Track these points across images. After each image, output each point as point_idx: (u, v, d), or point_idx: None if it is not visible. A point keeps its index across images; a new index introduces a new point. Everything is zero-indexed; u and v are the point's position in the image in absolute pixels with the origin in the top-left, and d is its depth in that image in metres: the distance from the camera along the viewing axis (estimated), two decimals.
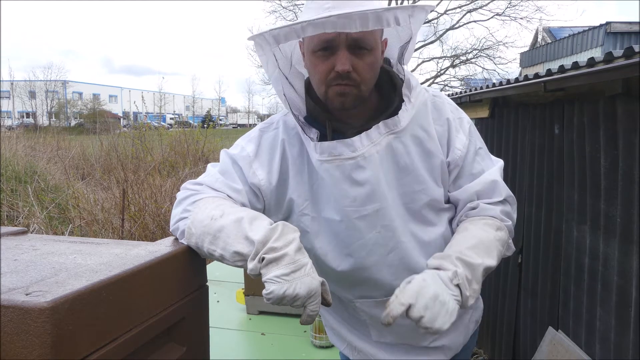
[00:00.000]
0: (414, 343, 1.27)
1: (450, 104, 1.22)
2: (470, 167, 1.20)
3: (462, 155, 1.18)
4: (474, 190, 1.19)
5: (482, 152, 1.22)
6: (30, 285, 0.73)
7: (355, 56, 1.05)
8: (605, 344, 2.04)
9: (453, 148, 1.18)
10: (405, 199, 1.15)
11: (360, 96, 1.09)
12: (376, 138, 1.10)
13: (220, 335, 2.18)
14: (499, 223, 1.15)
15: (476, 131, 1.24)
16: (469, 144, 1.20)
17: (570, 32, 12.42)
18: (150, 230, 5.01)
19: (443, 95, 1.25)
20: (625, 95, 1.90)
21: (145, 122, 12.48)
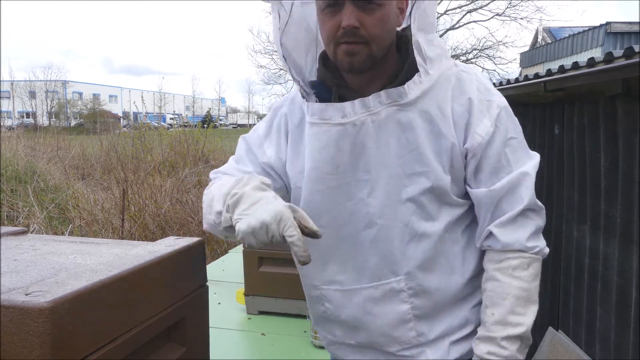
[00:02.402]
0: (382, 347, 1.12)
1: (479, 83, 1.05)
2: (494, 160, 1.02)
3: (482, 143, 1.01)
4: (498, 196, 1.02)
5: (514, 144, 1.03)
6: (30, 285, 0.73)
7: (363, 11, 0.97)
8: (605, 344, 2.04)
9: (473, 133, 1.01)
10: (403, 180, 1.03)
11: (371, 55, 1.00)
12: (375, 107, 1.01)
13: (220, 335, 2.18)
14: (528, 259, 1.01)
15: (511, 118, 1.04)
16: (494, 131, 1.01)
17: (570, 32, 12.41)
18: (150, 230, 5.01)
19: (474, 72, 1.07)
20: (625, 95, 1.90)
21: (145, 122, 12.49)
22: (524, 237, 1.01)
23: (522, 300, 1.01)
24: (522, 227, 1.02)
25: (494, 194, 1.02)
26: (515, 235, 1.01)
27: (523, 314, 1.00)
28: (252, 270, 2.37)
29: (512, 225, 1.02)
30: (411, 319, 1.08)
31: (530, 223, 1.02)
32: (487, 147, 1.02)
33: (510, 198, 1.02)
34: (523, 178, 1.01)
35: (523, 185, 1.01)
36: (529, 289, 1.01)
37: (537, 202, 1.03)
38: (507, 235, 1.02)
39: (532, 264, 1.02)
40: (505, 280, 1.01)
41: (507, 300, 1.00)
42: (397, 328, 1.08)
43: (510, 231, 1.02)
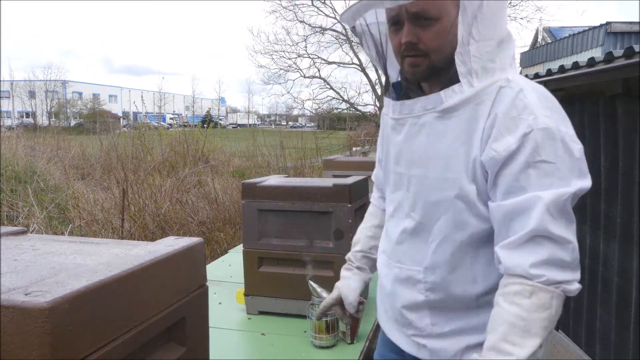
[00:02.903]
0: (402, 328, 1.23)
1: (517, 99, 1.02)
2: (511, 178, 1.00)
3: (496, 158, 1.01)
4: (502, 211, 1.01)
5: (546, 168, 0.97)
6: (29, 285, 0.73)
7: (421, 27, 1.08)
8: (605, 344, 2.04)
9: (488, 147, 1.02)
10: (433, 183, 1.11)
11: (431, 65, 1.10)
12: (417, 110, 1.12)
13: (220, 335, 2.18)
14: (530, 287, 0.95)
15: (550, 142, 0.98)
16: (517, 149, 0.98)
17: (570, 32, 12.42)
18: (150, 230, 5.01)
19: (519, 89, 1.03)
20: (625, 95, 1.90)
21: (145, 122, 12.49)
22: (527, 262, 0.96)
23: (517, 330, 0.95)
24: (530, 252, 0.96)
25: (502, 209, 1.01)
26: (518, 260, 0.97)
27: (517, 345, 0.94)
28: (252, 270, 2.37)
29: (518, 249, 0.98)
30: (426, 308, 1.16)
31: (542, 250, 0.96)
32: (507, 164, 1.00)
33: (520, 220, 0.98)
34: (535, 202, 0.96)
35: (534, 209, 0.96)
36: (527, 319, 0.95)
37: (551, 231, 0.95)
38: (509, 259, 0.99)
39: (535, 293, 0.95)
40: (504, 306, 0.98)
41: (503, 326, 0.96)
42: (413, 313, 1.18)
43: (514, 254, 0.98)
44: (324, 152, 11.20)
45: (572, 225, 0.98)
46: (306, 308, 2.06)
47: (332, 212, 2.24)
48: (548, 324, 0.95)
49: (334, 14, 17.28)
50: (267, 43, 18.11)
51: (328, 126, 21.54)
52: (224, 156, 11.51)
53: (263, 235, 2.36)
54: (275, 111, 58.25)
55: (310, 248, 2.29)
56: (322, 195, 2.25)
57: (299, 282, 2.19)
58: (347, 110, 18.14)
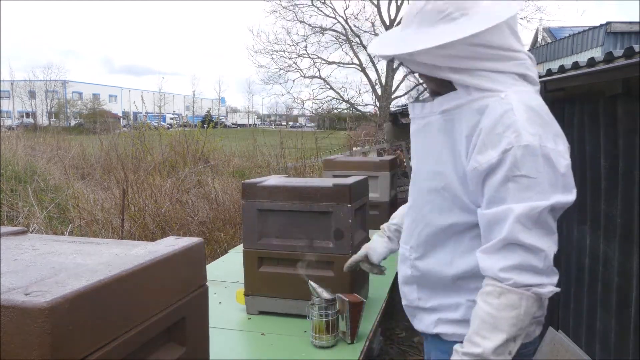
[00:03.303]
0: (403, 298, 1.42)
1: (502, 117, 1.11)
2: (493, 189, 1.11)
3: (478, 169, 1.12)
4: (485, 219, 1.13)
5: (525, 182, 1.07)
6: (29, 285, 0.73)
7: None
8: (605, 344, 2.04)
9: (472, 159, 1.14)
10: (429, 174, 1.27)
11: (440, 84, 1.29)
12: (423, 112, 1.28)
13: (220, 335, 2.18)
14: (499, 289, 1.08)
15: (530, 158, 1.07)
16: (497, 164, 1.09)
17: (570, 32, 12.42)
18: (150, 230, 5.01)
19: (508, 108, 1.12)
20: (625, 95, 1.90)
21: (145, 122, 12.48)
22: (497, 266, 1.08)
23: (487, 325, 1.08)
24: (502, 258, 1.08)
25: (485, 218, 1.13)
26: (491, 264, 1.10)
27: (486, 338, 1.08)
28: (252, 270, 2.37)
29: (492, 254, 1.10)
30: (414, 283, 1.35)
31: (513, 256, 1.07)
32: (489, 176, 1.12)
33: (497, 228, 1.10)
34: (508, 213, 1.07)
35: (507, 220, 1.07)
36: (495, 317, 1.07)
37: (520, 239, 1.06)
38: (484, 262, 1.12)
39: (504, 294, 1.07)
40: (479, 303, 1.12)
41: (476, 321, 1.11)
42: (406, 285, 1.38)
43: (488, 259, 1.11)
44: (324, 152, 11.19)
45: (548, 236, 1.09)
46: (306, 308, 2.06)
47: (332, 212, 2.24)
48: (516, 321, 1.07)
49: (334, 14, 17.29)
50: (267, 43, 18.07)
51: (328, 126, 21.54)
52: (224, 156, 11.50)
53: (263, 235, 2.36)
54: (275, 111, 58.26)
55: (310, 248, 2.29)
56: (322, 195, 2.25)
57: (299, 282, 2.19)
58: (347, 110, 18.13)
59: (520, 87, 1.18)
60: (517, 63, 1.20)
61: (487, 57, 1.17)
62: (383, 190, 3.95)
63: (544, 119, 1.13)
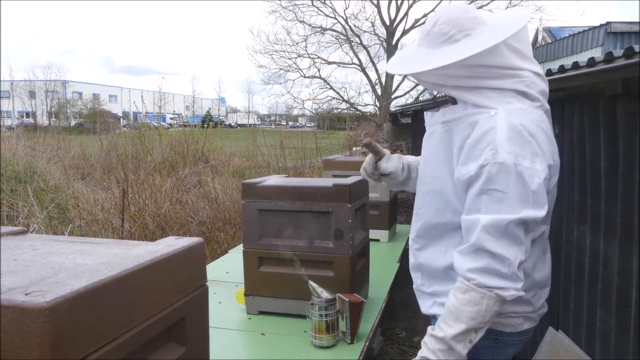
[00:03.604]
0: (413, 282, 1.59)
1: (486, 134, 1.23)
2: (470, 199, 1.25)
3: (461, 179, 1.27)
4: (463, 224, 1.27)
5: (497, 196, 1.19)
6: (29, 285, 0.73)
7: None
8: (605, 344, 2.04)
9: (457, 170, 1.29)
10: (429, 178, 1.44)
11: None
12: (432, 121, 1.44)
13: (220, 335, 2.18)
14: (465, 286, 1.22)
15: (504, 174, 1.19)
16: (476, 176, 1.22)
17: (570, 32, 12.42)
18: (150, 230, 5.01)
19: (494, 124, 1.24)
20: (625, 95, 1.90)
21: (145, 122, 12.47)
22: (466, 267, 1.22)
23: (451, 315, 1.24)
24: (471, 259, 1.22)
25: (463, 223, 1.27)
26: (461, 263, 1.24)
27: (449, 325, 1.24)
28: (252, 270, 2.37)
29: (464, 255, 1.24)
30: (418, 270, 1.52)
31: (480, 260, 1.20)
32: (469, 186, 1.25)
33: (469, 233, 1.23)
34: (475, 223, 1.21)
35: (475, 229, 1.21)
36: (458, 309, 1.22)
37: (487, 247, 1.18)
38: (457, 261, 1.26)
39: (469, 291, 1.21)
40: (450, 295, 1.27)
41: (444, 310, 1.27)
42: (413, 272, 1.55)
43: (460, 258, 1.25)
44: (324, 152, 11.19)
45: (516, 245, 1.19)
46: (306, 308, 2.06)
47: (332, 212, 2.24)
48: (476, 316, 1.20)
49: (333, 14, 17.28)
50: (267, 43, 18.05)
51: (328, 126, 21.53)
52: (224, 156, 11.49)
53: (263, 235, 2.36)
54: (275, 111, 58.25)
55: (310, 248, 2.29)
56: (322, 195, 2.25)
57: (299, 282, 2.19)
58: (347, 110, 18.13)
59: (516, 104, 1.27)
60: (516, 81, 1.28)
61: (485, 75, 1.28)
62: (383, 190, 3.95)
63: (524, 139, 1.22)
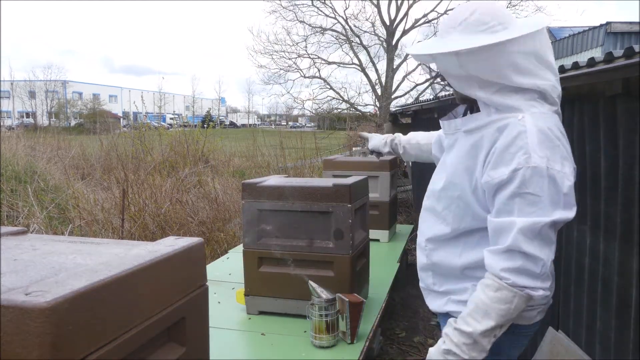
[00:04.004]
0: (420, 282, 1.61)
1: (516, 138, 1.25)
2: (501, 202, 1.26)
3: (490, 183, 1.28)
4: (492, 226, 1.29)
5: (531, 199, 1.22)
6: (29, 285, 0.73)
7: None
8: (605, 344, 2.04)
9: (486, 173, 1.30)
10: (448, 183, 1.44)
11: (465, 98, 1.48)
12: (452, 130, 1.47)
13: (220, 335, 2.18)
14: (497, 285, 1.24)
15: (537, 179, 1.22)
16: (507, 180, 1.24)
17: (570, 32, 12.41)
18: (150, 230, 5.00)
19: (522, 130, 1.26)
20: (625, 95, 1.90)
21: (145, 122, 12.47)
22: (500, 266, 1.24)
23: (480, 311, 1.26)
24: (504, 260, 1.24)
25: (492, 224, 1.29)
26: (494, 262, 1.26)
27: (477, 320, 1.26)
28: (252, 270, 2.37)
29: (497, 255, 1.26)
30: (429, 270, 1.54)
31: (514, 261, 1.23)
32: (499, 189, 1.27)
33: (502, 236, 1.25)
34: (511, 226, 1.23)
35: (511, 231, 1.22)
36: (488, 306, 1.25)
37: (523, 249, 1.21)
38: (489, 260, 1.28)
39: (500, 290, 1.24)
40: (478, 290, 1.29)
41: (471, 305, 1.29)
42: (423, 271, 1.57)
43: (493, 258, 1.27)
44: (324, 152, 11.19)
45: (548, 247, 1.23)
46: (306, 308, 2.06)
47: (332, 212, 2.24)
48: (505, 314, 1.24)
49: (334, 14, 17.26)
50: (267, 43, 18.00)
51: (328, 126, 21.52)
52: (224, 156, 11.49)
53: (263, 235, 2.36)
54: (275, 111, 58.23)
55: (310, 248, 2.29)
56: (322, 195, 2.25)
57: (299, 282, 2.19)
58: (347, 110, 18.12)
59: (538, 108, 1.32)
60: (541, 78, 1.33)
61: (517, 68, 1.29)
62: (383, 190, 3.95)
63: (554, 143, 1.26)
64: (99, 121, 20.10)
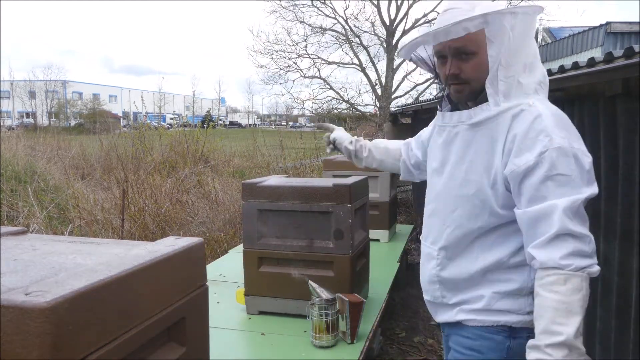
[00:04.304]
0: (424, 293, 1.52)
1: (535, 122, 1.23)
2: (533, 188, 1.22)
3: (517, 171, 1.24)
4: (527, 216, 1.23)
5: (562, 180, 1.20)
6: (29, 285, 0.73)
7: (462, 60, 1.32)
8: (605, 344, 2.04)
9: (510, 163, 1.25)
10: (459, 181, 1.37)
11: (473, 91, 1.35)
12: (454, 122, 1.39)
13: (220, 335, 2.18)
14: (564, 275, 1.16)
15: (563, 158, 1.20)
16: (534, 165, 1.21)
17: (570, 32, 12.41)
18: (150, 230, 5.01)
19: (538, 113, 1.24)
20: (625, 95, 1.90)
21: (145, 122, 12.47)
22: (557, 256, 1.17)
23: (562, 312, 1.15)
24: (557, 248, 1.18)
25: (528, 215, 1.23)
26: (550, 255, 1.18)
27: (564, 324, 1.14)
28: (252, 270, 2.37)
29: (547, 247, 1.19)
30: (437, 282, 1.45)
31: (566, 245, 1.17)
32: (527, 176, 1.23)
33: (544, 223, 1.19)
34: (553, 208, 1.18)
35: (554, 214, 1.18)
36: (567, 302, 1.15)
37: (571, 229, 1.17)
38: (543, 255, 1.19)
39: (569, 279, 1.16)
40: (545, 295, 1.18)
41: (548, 312, 1.17)
42: (431, 284, 1.47)
43: (545, 251, 1.19)
44: (324, 152, 11.17)
45: (586, 223, 1.21)
46: (306, 308, 2.06)
47: (332, 212, 2.24)
48: (583, 302, 1.16)
49: (334, 14, 17.27)
50: (267, 43, 18.02)
51: None
52: (224, 156, 11.49)
53: (263, 235, 2.36)
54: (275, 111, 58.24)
55: (310, 248, 2.29)
56: (322, 195, 2.25)
57: (299, 282, 2.19)
58: (347, 110, 18.12)
59: (540, 94, 1.33)
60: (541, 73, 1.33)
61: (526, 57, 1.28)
62: (383, 190, 3.95)
63: (567, 123, 1.26)
64: (99, 121, 20.11)
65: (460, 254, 1.39)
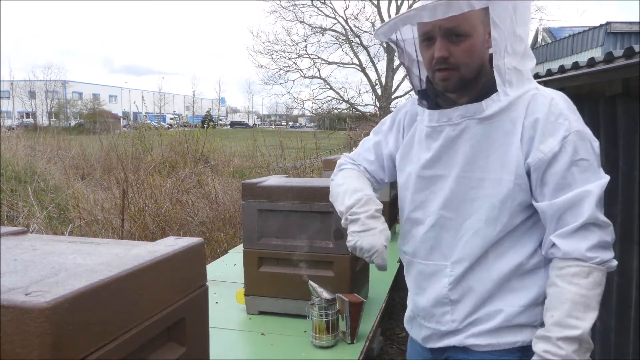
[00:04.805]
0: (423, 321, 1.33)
1: (552, 106, 1.15)
2: (558, 176, 1.13)
3: (544, 159, 1.13)
4: (555, 208, 1.13)
5: (584, 165, 1.12)
6: (30, 285, 0.73)
7: (452, 43, 1.17)
8: (605, 344, 2.04)
9: (535, 150, 1.15)
10: (471, 182, 1.21)
11: (462, 78, 1.20)
12: (456, 118, 1.21)
13: (220, 335, 2.18)
14: (587, 268, 1.09)
15: (583, 142, 1.13)
16: (560, 151, 1.12)
17: (570, 32, 12.41)
18: (150, 230, 5.01)
19: (551, 96, 1.17)
20: (625, 95, 1.90)
21: (145, 122, 12.48)
22: (583, 247, 1.10)
23: (580, 306, 1.09)
24: (583, 238, 1.10)
25: (556, 207, 1.13)
26: (575, 245, 1.10)
27: (580, 319, 1.08)
28: (252, 270, 2.37)
29: (573, 236, 1.11)
30: (448, 303, 1.25)
31: (592, 236, 1.10)
32: (552, 164, 1.13)
33: (572, 212, 1.11)
34: (585, 195, 1.10)
35: (585, 202, 1.10)
36: (587, 296, 1.09)
37: (599, 218, 1.10)
38: (567, 245, 1.11)
39: (592, 273, 1.09)
40: (564, 286, 1.10)
41: (565, 304, 1.09)
42: (437, 307, 1.27)
43: (570, 241, 1.11)
44: (324, 152, 11.20)
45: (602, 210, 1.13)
46: (306, 308, 2.06)
47: (332, 212, 2.24)
48: (600, 298, 1.10)
49: (334, 14, 17.29)
50: (267, 43, 18.05)
51: (328, 126, 21.53)
52: (224, 156, 11.50)
53: (263, 235, 2.36)
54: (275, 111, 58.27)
55: (310, 248, 2.29)
56: (322, 195, 2.25)
57: (299, 282, 2.19)
58: (347, 110, 18.14)
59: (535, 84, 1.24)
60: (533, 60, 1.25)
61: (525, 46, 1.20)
62: (383, 190, 3.95)
63: (574, 107, 1.19)
64: (99, 121, 20.13)
65: (477, 264, 1.22)
